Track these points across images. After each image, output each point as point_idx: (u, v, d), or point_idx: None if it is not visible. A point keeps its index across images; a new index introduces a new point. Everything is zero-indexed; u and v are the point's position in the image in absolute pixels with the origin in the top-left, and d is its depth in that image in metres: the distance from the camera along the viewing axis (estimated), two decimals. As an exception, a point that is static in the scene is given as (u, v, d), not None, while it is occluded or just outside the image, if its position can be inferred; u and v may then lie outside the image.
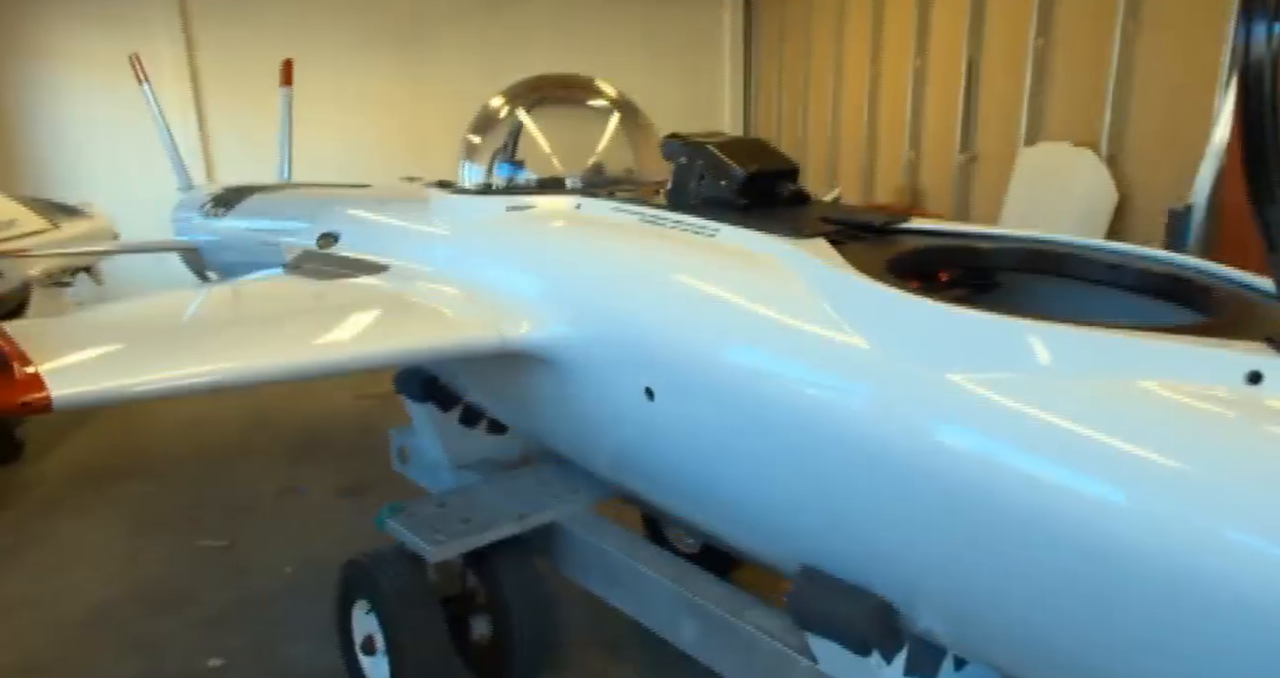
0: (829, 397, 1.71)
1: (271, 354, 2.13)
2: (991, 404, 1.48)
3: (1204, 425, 1.28)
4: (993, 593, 1.54)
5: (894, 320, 1.67)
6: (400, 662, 2.53)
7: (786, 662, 2.09)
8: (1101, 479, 1.34)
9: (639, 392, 2.09)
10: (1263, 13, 1.11)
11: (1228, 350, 1.33)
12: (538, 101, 3.17)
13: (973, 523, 1.50)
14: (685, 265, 2.10)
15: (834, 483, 1.73)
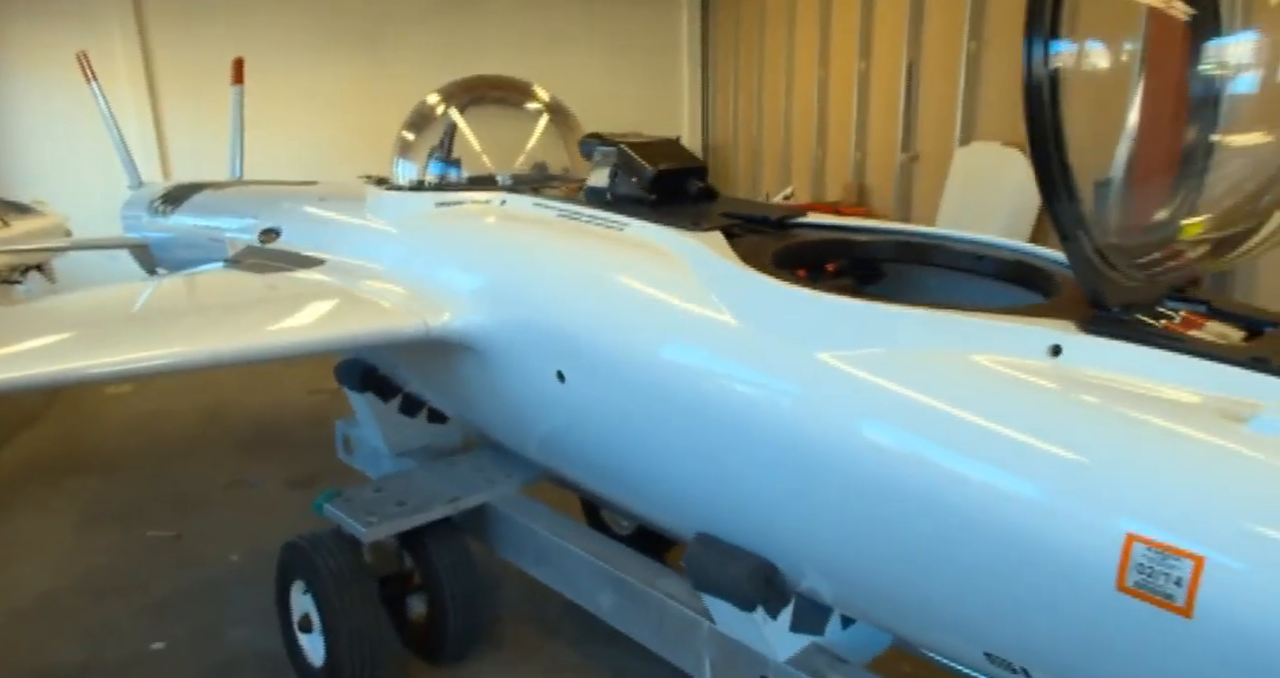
0: (712, 377, 1.87)
1: (199, 342, 2.24)
2: (853, 379, 1.65)
3: (1015, 391, 1.46)
4: (858, 553, 1.71)
5: (770, 305, 1.83)
6: (334, 638, 2.65)
7: (692, 625, 2.25)
8: (940, 443, 1.51)
9: (552, 375, 2.24)
10: (1039, 34, 1.28)
11: (1038, 328, 1.50)
12: (472, 101, 3.29)
13: (836, 487, 1.67)
14: (592, 257, 2.25)
15: (718, 454, 1.89)
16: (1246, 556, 1.15)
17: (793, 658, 2.06)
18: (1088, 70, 1.41)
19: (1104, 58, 1.44)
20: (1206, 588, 1.16)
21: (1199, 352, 1.37)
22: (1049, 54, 1.29)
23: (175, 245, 4.78)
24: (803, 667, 2.03)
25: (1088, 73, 1.41)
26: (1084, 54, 1.39)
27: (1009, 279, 2.03)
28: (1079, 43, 1.35)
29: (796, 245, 2.17)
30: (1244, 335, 1.51)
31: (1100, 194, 1.49)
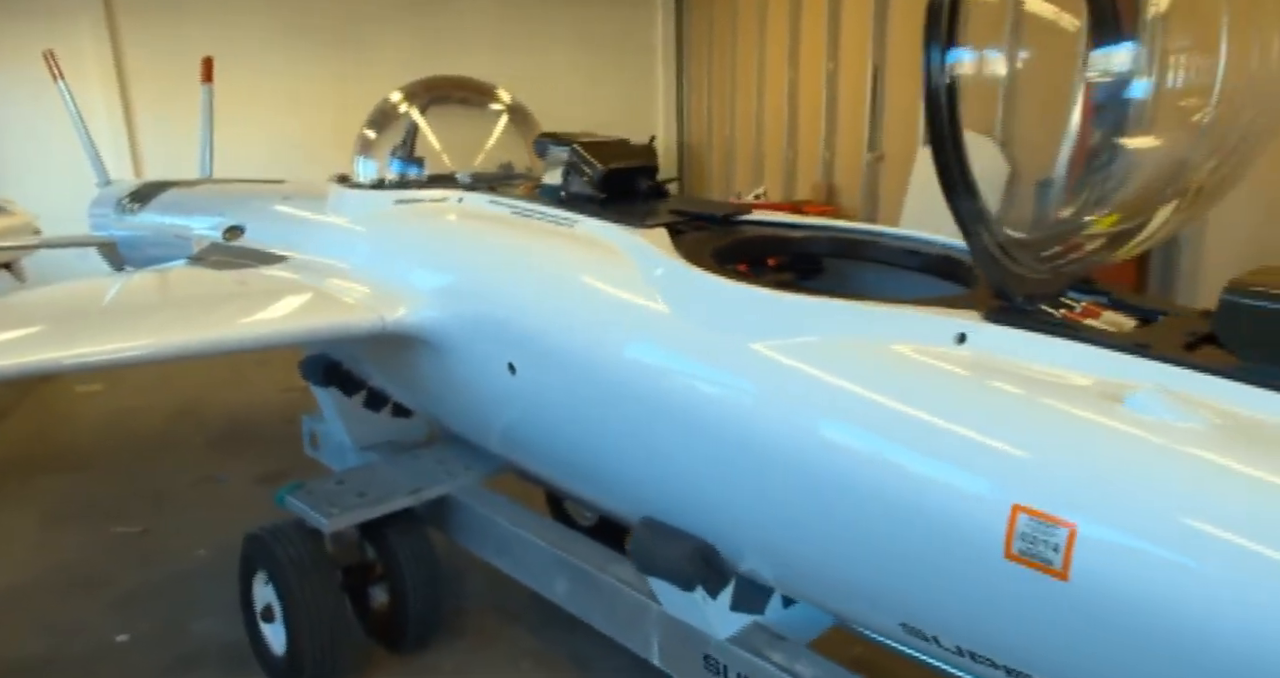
0: (651, 368, 1.96)
1: (159, 336, 2.29)
2: (783, 368, 1.74)
3: (922, 376, 1.55)
4: (785, 531, 1.80)
5: (707, 298, 1.92)
6: (295, 627, 2.71)
7: (641, 608, 2.34)
8: (856, 425, 1.60)
9: (503, 367, 2.31)
10: (936, 42, 1.38)
11: (947, 318, 1.60)
12: (433, 101, 3.36)
13: (764, 469, 1.76)
14: (541, 253, 2.33)
15: (658, 441, 1.97)
16: (1113, 522, 1.25)
17: (734, 637, 2.15)
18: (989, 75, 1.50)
19: (1001, 64, 1.54)
20: (1080, 553, 1.26)
21: (1088, 339, 1.47)
22: (946, 61, 1.39)
23: (143, 244, 4.80)
24: (743, 645, 2.12)
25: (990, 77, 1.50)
26: (981, 61, 1.48)
27: (937, 273, 2.14)
28: (975, 50, 1.44)
29: (738, 242, 2.26)
30: (1136, 324, 1.62)
31: (1008, 191, 1.59)
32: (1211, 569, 1.18)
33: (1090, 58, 1.52)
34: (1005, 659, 1.49)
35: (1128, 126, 1.60)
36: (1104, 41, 1.58)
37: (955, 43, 1.40)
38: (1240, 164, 1.56)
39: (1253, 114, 1.52)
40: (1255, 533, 1.16)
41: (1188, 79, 1.53)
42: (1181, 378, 1.35)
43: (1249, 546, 1.16)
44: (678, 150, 11.78)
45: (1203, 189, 1.57)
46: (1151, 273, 4.50)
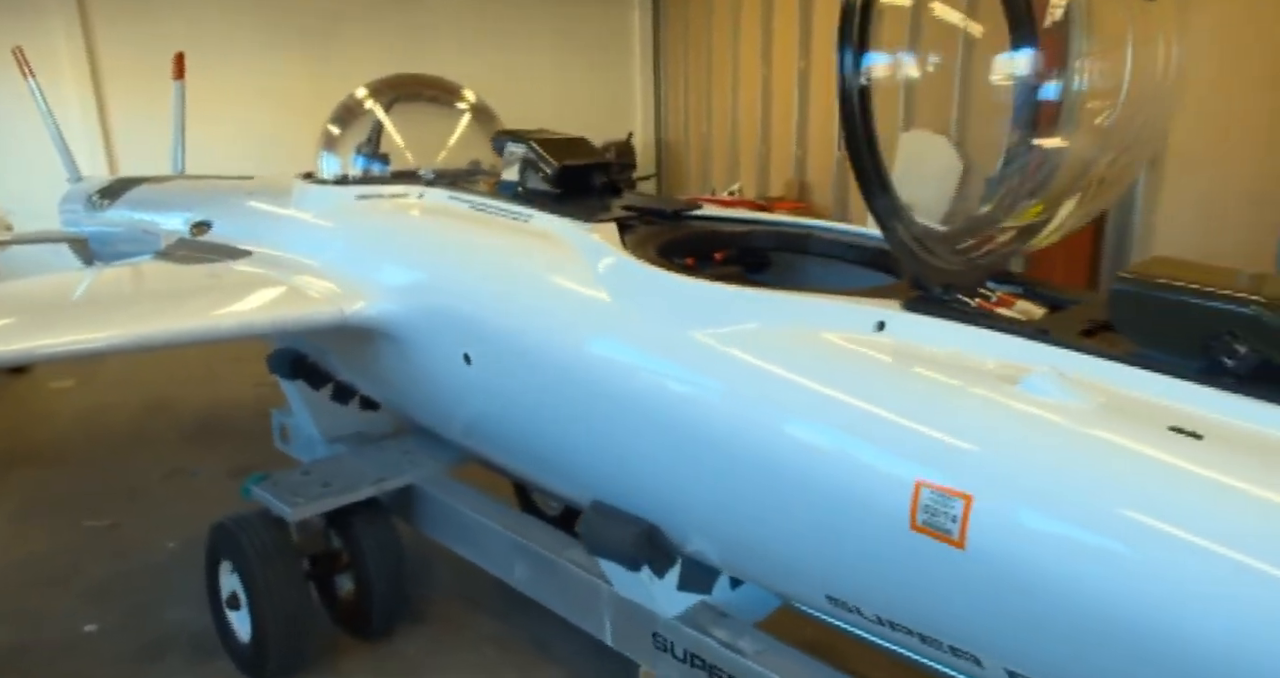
0: (598, 357, 2.04)
1: (121, 328, 2.35)
2: (720, 355, 1.82)
3: (841, 360, 1.64)
4: (719, 510, 1.88)
5: (649, 290, 2.00)
6: (259, 614, 2.76)
7: (593, 589, 2.42)
8: (782, 408, 1.69)
9: (459, 358, 2.39)
10: (849, 48, 1.47)
11: (868, 307, 1.69)
12: (398, 98, 3.42)
13: (700, 450, 1.84)
14: (495, 246, 2.40)
15: (604, 426, 2.05)
16: (1003, 493, 1.35)
17: (680, 615, 2.24)
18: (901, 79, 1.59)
19: (913, 68, 1.63)
20: (974, 523, 1.36)
21: (994, 326, 1.57)
22: (857, 66, 1.48)
23: (113, 239, 4.82)
24: (689, 622, 2.21)
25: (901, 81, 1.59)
26: (894, 65, 1.57)
27: (873, 265, 2.23)
28: (886, 54, 1.53)
29: (685, 236, 2.35)
30: (1046, 312, 1.72)
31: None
32: (1092, 537, 1.27)
33: (995, 62, 1.61)
34: (919, 626, 1.59)
35: (1038, 127, 1.70)
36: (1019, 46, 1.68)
37: (867, 47, 1.49)
38: (1133, 161, 1.67)
39: (1146, 116, 1.62)
40: (1132, 503, 1.26)
41: (1092, 83, 1.63)
42: (1074, 361, 1.45)
43: (1127, 514, 1.26)
44: (656, 147, 11.85)
45: (1103, 184, 1.67)
46: (1103, 270, 4.64)
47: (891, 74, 1.57)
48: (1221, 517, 1.19)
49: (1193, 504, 1.22)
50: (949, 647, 1.56)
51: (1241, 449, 1.25)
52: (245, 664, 2.89)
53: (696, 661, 2.17)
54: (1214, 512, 1.20)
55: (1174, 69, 1.57)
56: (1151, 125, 1.64)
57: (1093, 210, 1.71)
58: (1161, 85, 1.61)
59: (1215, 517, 1.20)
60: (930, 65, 1.65)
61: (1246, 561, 1.16)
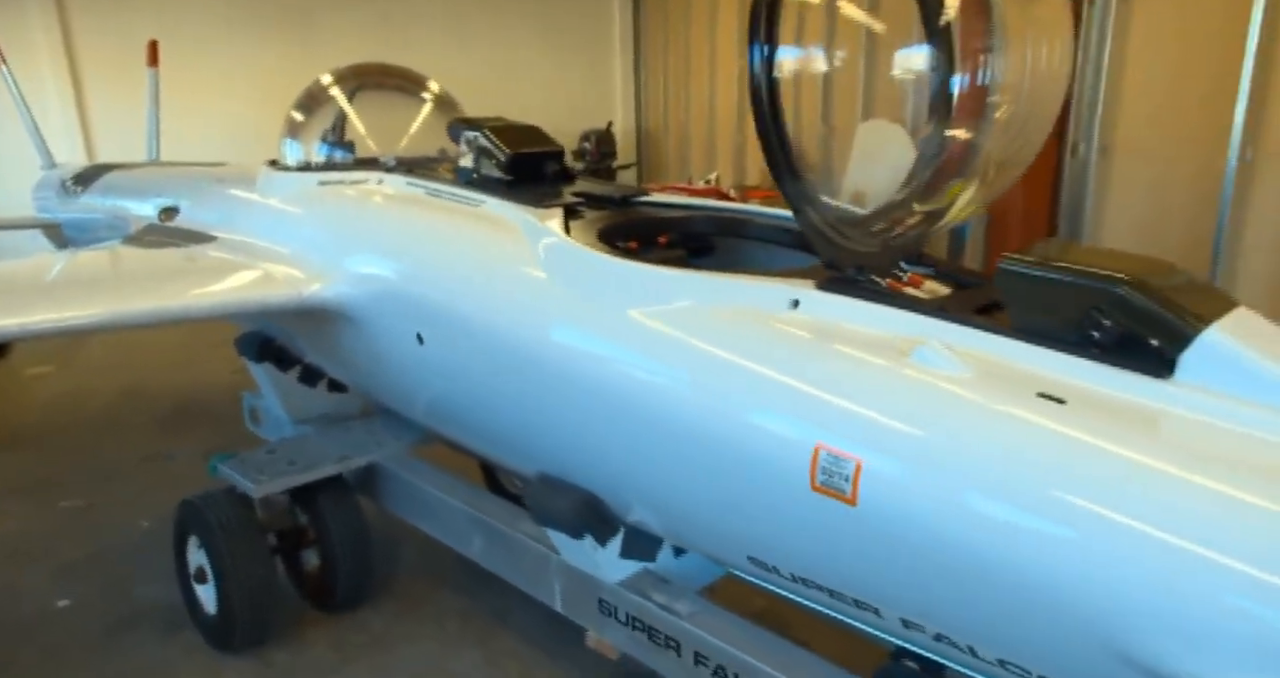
0: (538, 335, 2.14)
1: (86, 309, 2.43)
2: (651, 331, 1.93)
3: (757, 335, 1.76)
4: (648, 478, 2.00)
5: (588, 271, 2.11)
6: (225, 587, 2.87)
7: (544, 559, 2.54)
8: (705, 380, 1.80)
9: (413, 338, 2.49)
10: (757, 42, 1.57)
11: (786, 286, 1.81)
12: (361, 86, 3.50)
13: (630, 422, 1.95)
14: (446, 230, 2.50)
15: (546, 401, 2.16)
16: (889, 454, 1.47)
17: (623, 581, 2.36)
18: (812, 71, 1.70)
19: (820, 61, 1.74)
20: (865, 482, 1.48)
21: (897, 303, 1.69)
22: (765, 61, 1.58)
23: (85, 225, 4.87)
24: (631, 588, 2.33)
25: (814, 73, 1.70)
26: (801, 58, 1.67)
27: (805, 248, 2.34)
28: (793, 48, 1.64)
29: (629, 221, 2.45)
30: (951, 291, 1.83)
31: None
32: (963, 493, 1.39)
33: (904, 57, 1.72)
34: (826, 582, 1.71)
35: (946, 118, 1.81)
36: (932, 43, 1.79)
37: (774, 43, 1.59)
38: (1024, 150, 1.78)
39: (1038, 106, 1.73)
40: (1000, 461, 1.38)
41: (994, 77, 1.74)
42: (963, 335, 1.57)
43: (995, 471, 1.38)
44: (636, 136, 11.91)
45: (1002, 168, 1.78)
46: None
47: (799, 69, 1.67)
48: (1078, 472, 1.32)
49: (1053, 462, 1.34)
50: (852, 600, 1.68)
51: (1100, 412, 1.37)
52: (212, 636, 2.99)
53: (637, 623, 2.29)
54: (1072, 467, 1.32)
55: (1060, 64, 1.69)
56: (1042, 114, 1.76)
57: (992, 194, 1.82)
58: (1051, 79, 1.72)
59: (1073, 472, 1.32)
60: (837, 60, 1.75)
61: (1099, 510, 1.28)
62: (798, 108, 1.72)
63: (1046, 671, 1.41)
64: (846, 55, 1.75)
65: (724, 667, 2.06)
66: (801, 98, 1.72)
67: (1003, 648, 1.45)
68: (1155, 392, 1.38)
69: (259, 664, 2.96)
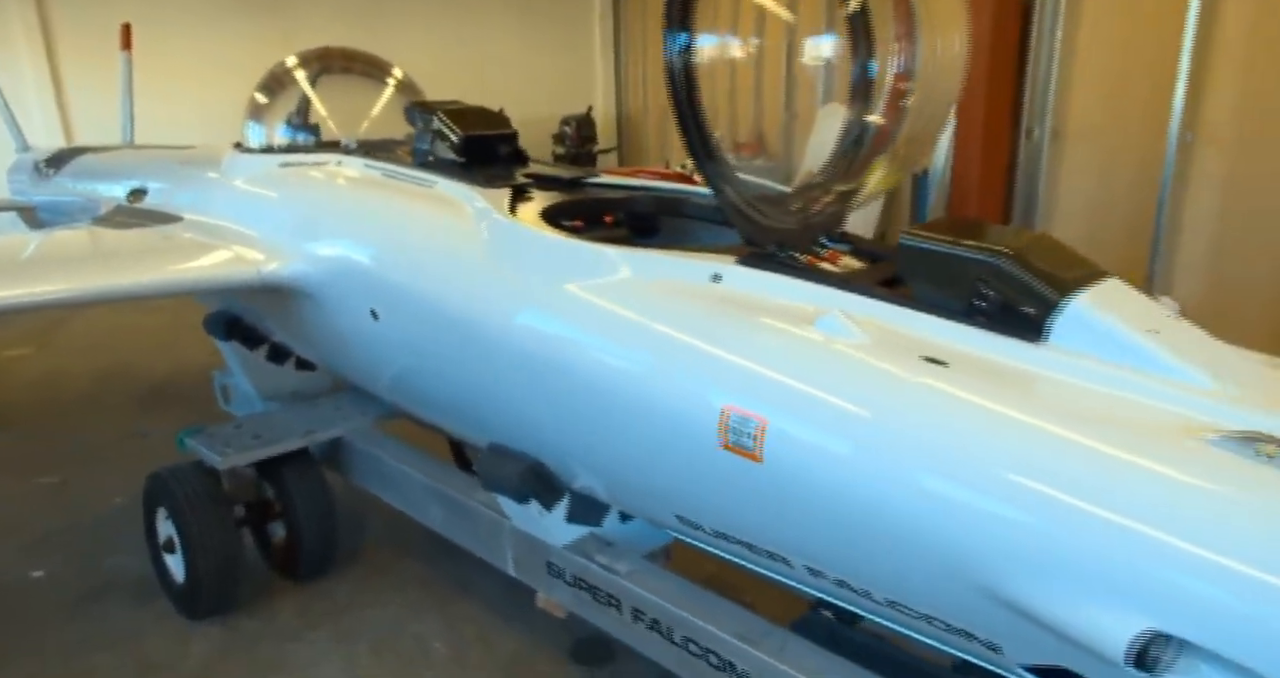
0: (484, 311, 2.24)
1: (44, 286, 2.52)
2: (582, 304, 2.04)
3: (681, 307, 1.86)
4: (585, 444, 2.11)
5: (524, 248, 2.21)
6: (192, 556, 2.97)
7: (497, 525, 2.66)
8: (634, 350, 1.91)
9: (367, 314, 2.59)
10: (673, 28, 1.67)
11: (709, 262, 1.91)
12: (325, 70, 3.56)
13: (567, 391, 2.06)
14: (398, 209, 2.59)
15: (492, 372, 2.27)
16: (789, 414, 1.58)
17: (569, 545, 2.48)
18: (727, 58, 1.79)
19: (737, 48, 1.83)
20: (769, 441, 1.59)
21: (809, 276, 1.80)
22: (680, 46, 1.68)
23: (59, 208, 4.92)
24: (576, 551, 2.45)
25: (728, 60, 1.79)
26: (715, 45, 1.77)
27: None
28: (709, 35, 1.73)
29: (575, 202, 2.55)
30: (864, 265, 1.94)
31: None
32: (854, 449, 1.51)
33: (804, 45, 1.82)
34: (742, 535, 1.83)
35: (862, 103, 1.92)
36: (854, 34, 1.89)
37: (689, 29, 1.69)
38: (926, 134, 1.89)
39: (941, 91, 1.84)
40: (887, 418, 1.50)
41: (897, 64, 1.84)
42: (864, 305, 1.68)
43: (882, 428, 1.50)
44: (617, 121, 11.94)
45: (911, 145, 1.89)
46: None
47: (714, 54, 1.77)
48: (953, 428, 1.44)
49: (931, 419, 1.46)
50: (766, 552, 1.80)
51: (978, 373, 1.49)
52: (181, 604, 3.10)
53: (582, 583, 2.41)
54: (948, 424, 1.44)
55: (957, 55, 1.79)
56: (944, 99, 1.87)
57: (902, 174, 1.93)
58: (953, 66, 1.83)
59: (948, 428, 1.44)
60: (751, 47, 1.85)
61: (970, 462, 1.40)
62: (738, 90, 1.82)
63: (929, 609, 1.54)
64: (761, 42, 1.85)
65: (658, 620, 2.18)
66: (719, 82, 1.82)
67: (891, 590, 1.58)
68: (1027, 355, 1.50)
69: (226, 631, 3.07)
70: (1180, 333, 1.48)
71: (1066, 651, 1.32)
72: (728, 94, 2.10)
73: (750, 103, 6.84)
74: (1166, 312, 1.53)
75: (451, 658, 2.92)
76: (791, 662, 1.90)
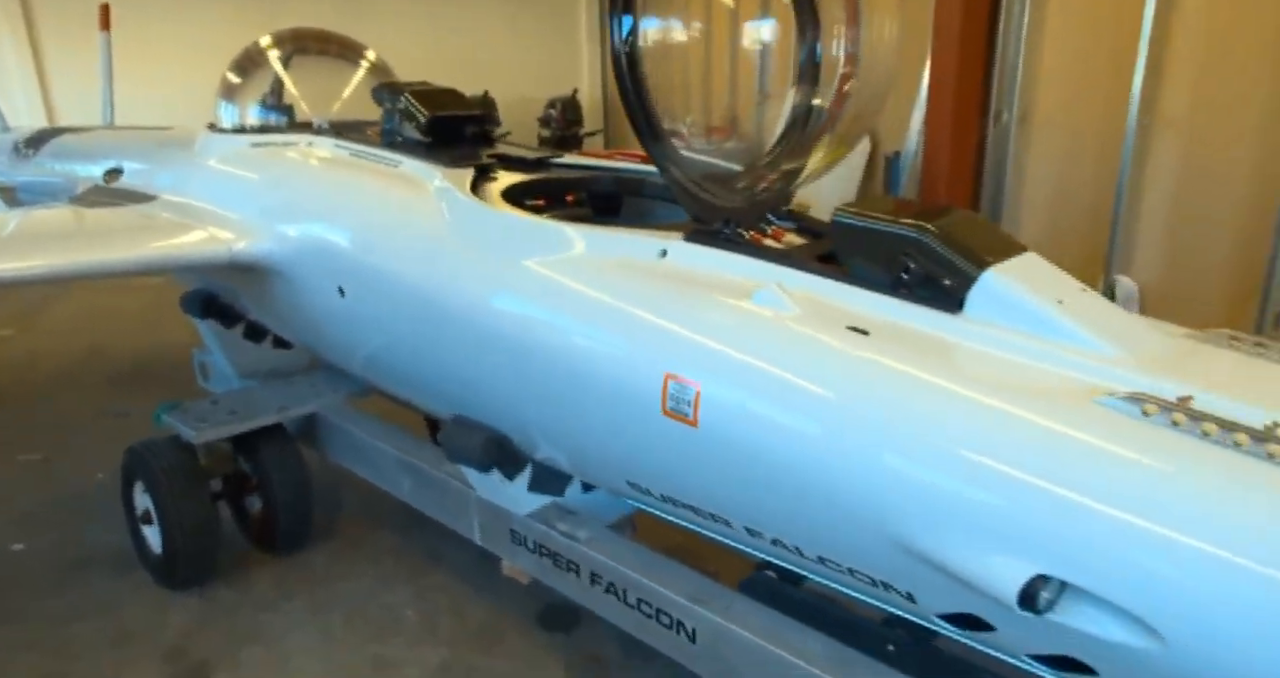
0: (444, 287, 2.31)
1: (24, 262, 2.58)
2: (536, 278, 2.11)
3: (630, 281, 1.94)
4: (544, 414, 2.20)
5: (482, 225, 2.28)
6: (167, 528, 3.05)
7: (464, 496, 2.74)
8: (585, 322, 1.99)
9: (335, 291, 2.65)
10: (616, 13, 1.73)
11: (657, 239, 1.99)
12: (298, 50, 3.60)
13: (524, 364, 2.14)
14: (363, 188, 2.66)
15: (455, 346, 2.35)
16: (723, 380, 1.67)
17: (532, 513, 2.57)
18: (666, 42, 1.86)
19: (679, 32, 1.90)
20: (704, 406, 1.68)
21: (750, 252, 1.88)
22: (625, 31, 1.74)
23: (38, 187, 4.95)
24: (538, 518, 2.54)
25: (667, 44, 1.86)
26: (659, 30, 1.84)
27: None
28: (653, 19, 1.80)
29: (537, 182, 2.62)
30: (806, 242, 2.03)
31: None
32: (783, 412, 1.60)
33: (744, 28, 1.89)
34: (685, 498, 1.92)
35: (806, 86, 1.99)
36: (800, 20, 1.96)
37: (633, 14, 1.75)
38: (867, 113, 1.97)
39: (879, 75, 1.91)
40: (813, 383, 1.58)
41: (839, 48, 1.92)
42: (799, 279, 1.76)
43: (809, 392, 1.58)
44: (603, 104, 11.94)
45: (848, 132, 1.97)
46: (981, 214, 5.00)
47: (659, 38, 1.83)
48: (871, 391, 1.52)
49: (852, 383, 1.55)
50: (709, 514, 1.90)
51: (897, 340, 1.58)
52: (158, 574, 3.19)
53: (544, 550, 2.51)
54: (867, 387, 1.53)
55: (894, 39, 1.87)
56: (883, 80, 1.94)
57: (838, 157, 2.01)
58: (888, 52, 1.91)
59: (866, 392, 1.53)
60: (693, 30, 1.92)
61: (885, 422, 1.49)
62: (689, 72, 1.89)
63: (852, 563, 1.63)
64: (703, 25, 1.92)
65: (614, 584, 2.28)
66: (671, 64, 1.89)
67: (819, 546, 1.67)
68: (945, 325, 1.58)
69: (203, 601, 3.15)
70: (1087, 304, 1.57)
71: (971, 598, 1.42)
72: (701, 78, 2.18)
73: (725, 86, 6.85)
74: (1078, 285, 1.62)
75: (422, 626, 3.02)
76: (737, 620, 2.00)
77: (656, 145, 1.85)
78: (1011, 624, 1.42)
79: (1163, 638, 1.19)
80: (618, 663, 2.78)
